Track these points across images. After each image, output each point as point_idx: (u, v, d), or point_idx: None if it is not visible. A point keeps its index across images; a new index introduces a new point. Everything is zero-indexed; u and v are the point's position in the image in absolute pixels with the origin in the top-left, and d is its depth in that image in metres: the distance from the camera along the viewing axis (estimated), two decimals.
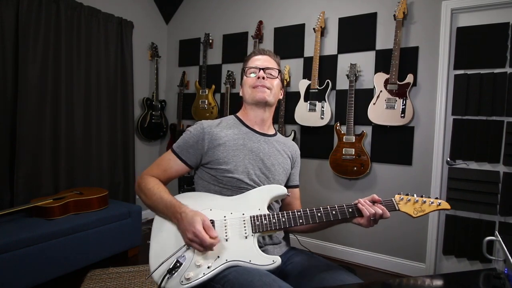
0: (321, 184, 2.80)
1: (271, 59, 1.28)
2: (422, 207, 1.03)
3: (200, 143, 1.18)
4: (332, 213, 1.07)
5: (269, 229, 1.05)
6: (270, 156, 1.23)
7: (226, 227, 1.06)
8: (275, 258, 1.01)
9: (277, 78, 1.26)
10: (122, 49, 3.12)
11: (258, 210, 1.09)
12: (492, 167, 2.21)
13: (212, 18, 3.38)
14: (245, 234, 1.04)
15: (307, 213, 1.07)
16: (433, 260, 2.38)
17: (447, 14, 2.29)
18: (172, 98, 3.66)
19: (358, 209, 1.06)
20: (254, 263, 1.00)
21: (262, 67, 1.23)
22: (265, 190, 1.15)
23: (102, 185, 2.95)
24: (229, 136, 1.20)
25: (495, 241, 0.94)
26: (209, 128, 1.20)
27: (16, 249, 1.84)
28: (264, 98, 1.20)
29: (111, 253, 2.38)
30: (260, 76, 1.21)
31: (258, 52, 1.30)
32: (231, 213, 1.09)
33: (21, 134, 2.37)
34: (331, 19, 2.73)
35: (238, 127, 1.25)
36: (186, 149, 1.20)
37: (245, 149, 1.20)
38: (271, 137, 1.29)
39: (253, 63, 1.26)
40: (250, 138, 1.23)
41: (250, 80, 1.23)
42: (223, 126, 1.24)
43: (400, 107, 2.34)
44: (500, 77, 2.15)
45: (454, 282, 0.96)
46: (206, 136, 1.18)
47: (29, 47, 2.39)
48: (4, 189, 2.35)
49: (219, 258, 1.00)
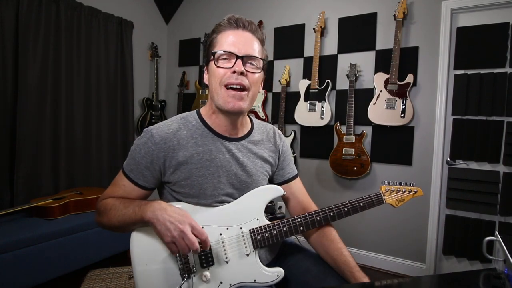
0: (321, 184, 2.80)
1: (253, 38, 0.94)
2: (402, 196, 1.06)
3: (155, 163, 0.95)
4: (330, 215, 1.01)
5: (270, 242, 0.97)
6: (247, 165, 1.02)
7: (224, 246, 0.95)
8: (279, 273, 0.95)
9: (260, 72, 0.95)
10: (122, 49, 3.12)
11: (257, 221, 0.98)
12: (492, 167, 2.21)
13: (212, 18, 3.38)
14: (246, 252, 0.95)
15: (307, 219, 1.00)
16: (433, 260, 2.38)
17: (447, 14, 2.29)
18: (172, 98, 3.66)
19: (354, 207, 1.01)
20: (259, 281, 0.94)
21: (241, 54, 0.90)
22: (259, 194, 1.01)
23: (102, 185, 2.94)
24: (191, 150, 0.95)
25: (495, 241, 0.93)
26: (163, 142, 0.94)
27: (16, 249, 1.84)
28: (240, 108, 0.92)
29: (111, 253, 2.38)
30: (238, 71, 0.89)
31: (236, 23, 0.93)
32: (227, 229, 0.96)
33: (21, 134, 2.37)
34: (331, 19, 2.73)
35: (203, 136, 0.98)
36: (140, 171, 0.96)
37: (212, 166, 0.96)
38: (245, 138, 1.04)
39: (227, 44, 0.91)
40: (219, 149, 0.98)
41: (222, 73, 0.90)
42: (182, 136, 0.97)
43: (400, 107, 2.34)
44: (500, 77, 2.15)
45: (454, 282, 0.96)
46: (161, 154, 0.94)
47: (29, 47, 2.39)
48: (4, 189, 2.35)
49: (222, 284, 0.92)
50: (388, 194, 1.05)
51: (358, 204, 1.01)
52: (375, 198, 1.03)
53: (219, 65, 0.92)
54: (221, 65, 0.91)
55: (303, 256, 1.11)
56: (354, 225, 2.64)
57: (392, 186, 1.06)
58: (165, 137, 0.95)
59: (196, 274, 0.92)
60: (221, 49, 0.91)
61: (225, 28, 0.95)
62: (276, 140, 1.13)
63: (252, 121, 1.11)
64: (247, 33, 0.94)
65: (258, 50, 0.94)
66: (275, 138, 1.13)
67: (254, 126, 1.10)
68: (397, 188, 1.06)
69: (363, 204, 1.01)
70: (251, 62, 0.93)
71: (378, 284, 1.11)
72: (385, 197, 1.04)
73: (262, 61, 0.95)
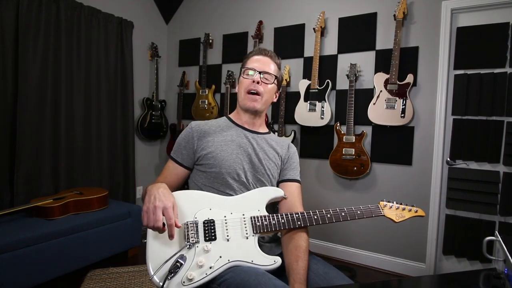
0: (321, 184, 2.80)
1: (270, 62, 1.28)
2: (403, 213, 1.12)
3: (190, 142, 1.23)
4: (327, 216, 1.09)
5: (269, 229, 1.07)
6: (259, 152, 1.25)
7: (227, 227, 1.06)
8: (276, 259, 1.03)
9: (272, 84, 1.26)
10: (122, 49, 3.12)
11: (258, 211, 1.11)
12: (492, 167, 2.21)
13: (212, 18, 3.38)
14: (246, 235, 1.05)
15: (305, 216, 1.09)
16: (433, 260, 2.38)
17: (447, 14, 2.29)
18: (172, 98, 3.66)
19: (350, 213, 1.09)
20: (256, 263, 1.01)
21: (259, 70, 1.23)
22: (263, 191, 1.18)
23: (102, 185, 2.94)
24: (217, 132, 1.25)
25: (495, 241, 0.94)
26: (197, 126, 1.26)
27: (16, 249, 1.84)
28: (254, 107, 1.23)
29: (111, 253, 2.38)
30: (255, 80, 1.21)
31: (259, 52, 1.29)
32: (231, 213, 1.10)
33: (21, 134, 2.37)
34: (331, 19, 2.73)
35: (228, 126, 1.29)
36: (179, 151, 1.25)
37: (233, 144, 1.22)
38: (262, 134, 1.31)
39: (251, 63, 1.26)
40: (239, 135, 1.26)
41: (245, 82, 1.24)
42: (212, 124, 1.29)
43: (400, 107, 2.34)
44: (500, 77, 2.15)
45: (454, 282, 0.96)
46: (195, 134, 1.23)
47: (29, 47, 2.39)
48: (4, 189, 2.35)
49: (221, 258, 1.00)
50: (387, 208, 1.12)
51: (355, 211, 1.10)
52: (373, 208, 1.11)
53: (244, 76, 1.25)
54: (246, 76, 1.25)
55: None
56: (354, 225, 2.64)
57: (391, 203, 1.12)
58: (199, 124, 1.28)
59: (198, 245, 1.02)
60: (246, 66, 1.27)
61: (253, 54, 1.30)
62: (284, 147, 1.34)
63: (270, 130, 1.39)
64: (266, 58, 1.28)
65: (273, 69, 1.27)
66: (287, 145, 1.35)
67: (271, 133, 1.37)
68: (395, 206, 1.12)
69: (360, 212, 1.10)
70: (265, 76, 1.24)
71: (378, 284, 1.11)
72: (383, 211, 1.11)
73: (275, 76, 1.27)
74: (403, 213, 1.11)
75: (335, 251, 2.73)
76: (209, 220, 1.07)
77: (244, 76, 1.25)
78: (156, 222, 0.97)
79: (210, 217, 1.07)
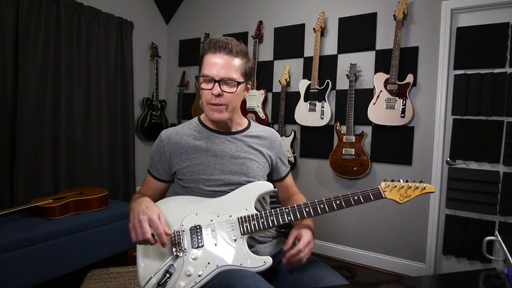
0: (321, 184, 2.80)
1: (231, 59, 1.06)
2: (407, 192, 1.01)
3: (163, 156, 1.16)
4: (320, 207, 1.02)
5: (257, 229, 1.03)
6: (240, 155, 1.16)
7: (214, 231, 1.03)
8: (266, 259, 0.99)
9: (236, 91, 1.08)
10: (122, 49, 3.12)
11: (246, 211, 1.06)
12: (492, 167, 2.21)
13: (212, 18, 3.38)
14: (234, 237, 1.02)
15: (295, 209, 1.03)
16: (433, 260, 2.38)
17: (447, 14, 2.29)
18: (172, 98, 3.66)
19: (346, 200, 1.01)
20: (245, 266, 0.97)
21: (217, 78, 1.05)
22: (250, 188, 1.11)
23: (102, 185, 2.94)
24: (189, 143, 1.15)
25: (495, 241, 0.93)
26: (167, 138, 1.16)
27: (16, 249, 1.84)
28: (221, 119, 1.10)
29: (111, 253, 2.38)
30: (215, 93, 1.05)
31: (214, 48, 1.06)
32: (217, 216, 1.06)
33: (21, 134, 2.37)
34: (331, 19, 2.73)
35: (200, 131, 1.18)
36: (155, 165, 1.19)
37: (208, 155, 1.14)
38: (240, 133, 1.20)
39: (207, 68, 1.06)
40: (213, 141, 1.16)
41: (205, 94, 1.08)
42: (183, 132, 1.18)
43: (400, 107, 2.34)
44: (500, 77, 2.15)
45: (454, 282, 0.96)
46: (166, 148, 1.15)
47: (29, 47, 2.39)
48: (4, 189, 2.35)
49: (210, 265, 0.97)
50: (389, 189, 1.01)
51: (351, 197, 1.01)
52: (372, 192, 1.01)
53: (202, 86, 1.09)
54: (204, 86, 1.08)
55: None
56: (354, 225, 2.64)
57: (395, 182, 1.02)
58: (169, 135, 1.17)
59: (187, 253, 1.00)
60: (202, 73, 1.08)
61: (206, 51, 1.08)
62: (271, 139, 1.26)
63: (249, 121, 1.27)
64: (225, 56, 1.06)
65: (236, 68, 1.07)
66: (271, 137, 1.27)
67: (252, 125, 1.25)
68: (400, 184, 1.01)
69: (357, 197, 1.00)
70: (228, 83, 1.07)
71: (378, 284, 1.11)
72: (385, 192, 1.01)
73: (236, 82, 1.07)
74: (408, 192, 1.01)
75: (335, 251, 2.73)
76: (195, 226, 1.04)
77: (202, 86, 1.08)
78: (144, 234, 0.95)
79: (197, 222, 1.04)
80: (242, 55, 1.10)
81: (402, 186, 1.01)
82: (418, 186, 1.01)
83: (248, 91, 1.19)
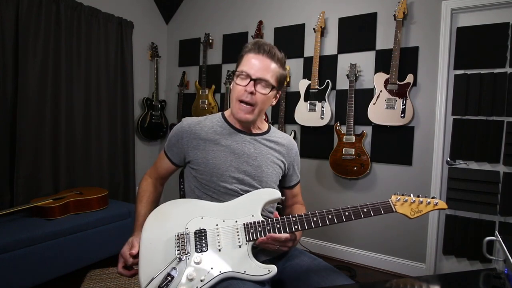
0: (321, 184, 2.80)
1: (270, 62, 1.10)
2: (419, 207, 0.99)
3: (180, 142, 1.17)
4: (328, 217, 1.00)
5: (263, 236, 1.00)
6: (257, 157, 1.16)
7: (218, 236, 1.01)
8: (271, 268, 0.97)
9: (268, 94, 1.11)
10: (122, 49, 3.12)
11: (252, 217, 1.04)
12: (492, 167, 2.21)
13: (212, 18, 3.38)
14: (239, 243, 0.99)
15: (303, 219, 1.01)
16: (433, 260, 2.38)
17: (447, 14, 2.29)
18: (172, 98, 3.66)
19: (356, 212, 0.99)
20: (249, 273, 0.95)
21: (254, 77, 1.07)
22: (258, 195, 1.10)
23: (102, 185, 2.94)
24: (209, 136, 1.15)
25: (495, 241, 0.93)
26: (188, 126, 1.17)
27: (16, 249, 1.84)
28: (246, 119, 1.12)
29: (111, 253, 2.38)
30: (248, 90, 1.07)
31: (257, 49, 1.09)
32: (223, 221, 1.04)
33: (21, 134, 2.37)
34: (331, 19, 2.73)
35: (222, 126, 1.18)
36: (170, 147, 1.21)
37: (226, 151, 1.13)
38: (260, 135, 1.21)
39: (246, 65, 1.09)
40: (234, 139, 1.16)
41: (237, 90, 1.10)
42: (205, 124, 1.18)
43: (400, 107, 2.34)
44: (500, 77, 2.15)
45: (454, 282, 0.96)
46: (185, 135, 1.16)
47: (29, 47, 2.39)
48: (4, 189, 2.35)
49: (213, 270, 0.95)
50: (400, 203, 0.99)
51: (361, 210, 0.99)
52: (383, 206, 0.99)
53: (237, 82, 1.10)
54: (239, 82, 1.10)
55: (305, 257, 1.12)
56: (354, 225, 2.64)
57: (406, 197, 1.00)
58: (191, 124, 1.18)
59: (190, 257, 0.99)
60: (240, 69, 1.10)
61: (250, 50, 1.11)
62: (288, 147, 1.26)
63: (270, 126, 1.28)
64: (265, 59, 1.09)
65: (273, 73, 1.10)
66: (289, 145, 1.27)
67: (271, 130, 1.27)
68: (411, 199, 0.99)
69: (367, 209, 0.98)
70: (262, 84, 1.09)
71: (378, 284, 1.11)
72: (395, 206, 0.99)
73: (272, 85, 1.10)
74: (420, 208, 0.98)
75: (335, 251, 2.73)
76: (200, 230, 1.02)
77: (237, 81, 1.10)
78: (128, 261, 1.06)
79: (202, 226, 1.03)
80: (281, 63, 1.13)
81: (413, 201, 0.99)
82: (429, 202, 0.99)
83: (276, 100, 1.21)
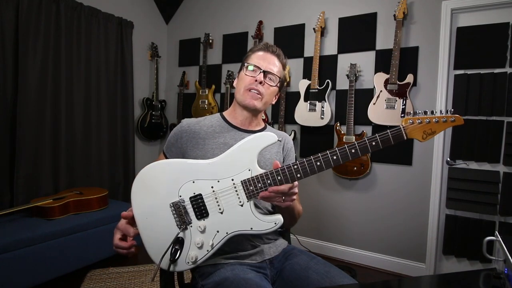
0: (321, 184, 2.80)
1: (276, 61, 1.20)
2: (432, 128, 0.88)
3: (179, 141, 1.18)
4: (333, 158, 0.93)
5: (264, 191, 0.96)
6: None
7: (217, 199, 0.97)
8: (277, 220, 0.96)
9: (275, 86, 1.18)
10: (122, 49, 3.12)
11: (249, 171, 0.96)
12: (492, 167, 2.21)
13: (212, 18, 3.38)
14: (240, 203, 0.96)
15: (305, 164, 0.94)
16: (433, 260, 2.38)
17: (447, 14, 2.29)
18: (172, 98, 3.66)
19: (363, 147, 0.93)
20: (255, 229, 0.95)
21: (264, 69, 1.15)
22: (250, 143, 0.98)
23: (102, 185, 2.95)
24: (208, 134, 1.17)
25: (495, 241, 0.93)
26: (188, 126, 1.18)
27: (16, 249, 1.84)
28: (254, 106, 1.15)
29: (111, 253, 2.38)
30: (258, 79, 1.13)
31: (266, 48, 1.20)
32: (218, 182, 0.98)
33: (21, 134, 2.37)
34: (331, 19, 2.73)
35: (221, 125, 1.21)
36: (169, 147, 1.21)
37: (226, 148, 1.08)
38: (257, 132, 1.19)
39: (255, 59, 1.17)
40: (232, 136, 1.17)
41: (246, 79, 1.16)
42: (204, 124, 1.20)
43: (400, 107, 2.34)
44: (500, 77, 2.15)
45: (454, 282, 0.96)
46: (184, 135, 1.17)
47: (29, 47, 2.39)
48: (4, 189, 2.35)
49: (219, 233, 0.96)
50: (412, 127, 0.88)
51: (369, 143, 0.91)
52: (392, 134, 0.90)
53: (247, 73, 1.17)
54: (249, 74, 1.16)
55: (304, 256, 1.12)
56: (354, 225, 2.64)
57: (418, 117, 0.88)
58: (190, 123, 1.20)
59: (192, 225, 0.98)
60: (252, 62, 1.17)
61: (259, 49, 1.21)
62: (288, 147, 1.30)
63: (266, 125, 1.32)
64: (273, 56, 1.19)
65: (278, 70, 1.20)
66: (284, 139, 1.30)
67: (267, 128, 1.30)
68: (424, 118, 0.87)
69: (375, 143, 0.91)
70: (270, 76, 1.16)
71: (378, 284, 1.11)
72: (407, 131, 0.89)
73: (279, 78, 1.19)
74: (433, 127, 0.88)
75: (335, 251, 2.73)
76: (195, 196, 0.98)
77: (246, 72, 1.16)
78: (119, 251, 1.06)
79: (196, 191, 0.98)
80: (283, 66, 1.24)
81: (428, 121, 0.87)
82: (445, 120, 0.87)
83: (276, 99, 1.25)
